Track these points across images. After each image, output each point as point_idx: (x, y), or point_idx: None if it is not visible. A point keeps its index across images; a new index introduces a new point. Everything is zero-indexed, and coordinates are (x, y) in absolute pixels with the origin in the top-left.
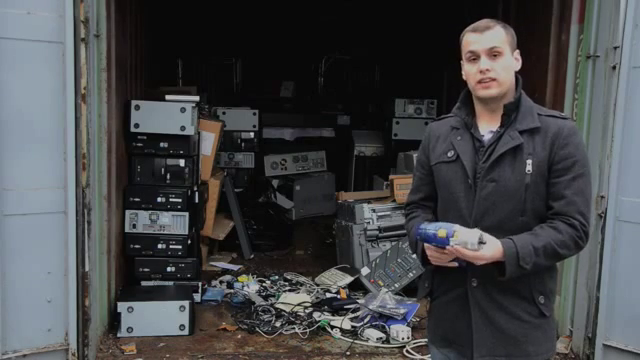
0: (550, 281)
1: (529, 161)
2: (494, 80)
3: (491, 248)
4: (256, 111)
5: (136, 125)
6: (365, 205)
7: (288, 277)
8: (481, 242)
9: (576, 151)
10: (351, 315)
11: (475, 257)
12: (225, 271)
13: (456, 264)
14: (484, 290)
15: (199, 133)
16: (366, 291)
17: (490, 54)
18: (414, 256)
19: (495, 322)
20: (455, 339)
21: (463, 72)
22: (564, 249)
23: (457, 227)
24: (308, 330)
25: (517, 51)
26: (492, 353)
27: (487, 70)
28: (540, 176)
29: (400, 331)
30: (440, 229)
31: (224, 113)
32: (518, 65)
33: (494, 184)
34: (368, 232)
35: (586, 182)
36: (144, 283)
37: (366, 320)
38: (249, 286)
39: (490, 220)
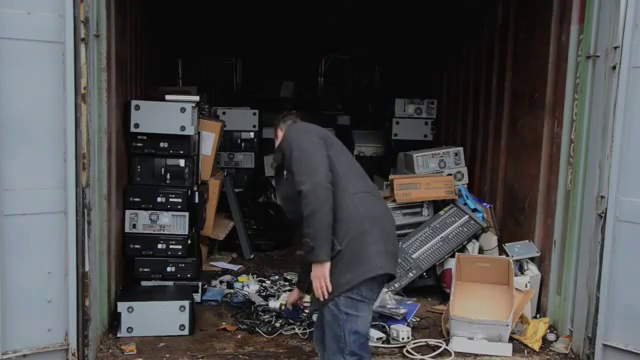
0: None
1: (285, 171)
2: None
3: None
4: (256, 111)
5: (136, 125)
6: None
7: (288, 277)
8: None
9: (285, 145)
10: None
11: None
12: (225, 271)
13: None
14: None
15: (199, 133)
16: None
17: None
18: (414, 256)
19: None
20: None
21: None
22: (306, 212)
23: None
24: (308, 330)
25: (278, 130)
26: None
27: None
28: (291, 175)
29: (400, 331)
30: None
31: (224, 113)
32: (279, 139)
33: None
34: None
35: (295, 154)
36: (144, 283)
37: None
38: (249, 286)
39: None
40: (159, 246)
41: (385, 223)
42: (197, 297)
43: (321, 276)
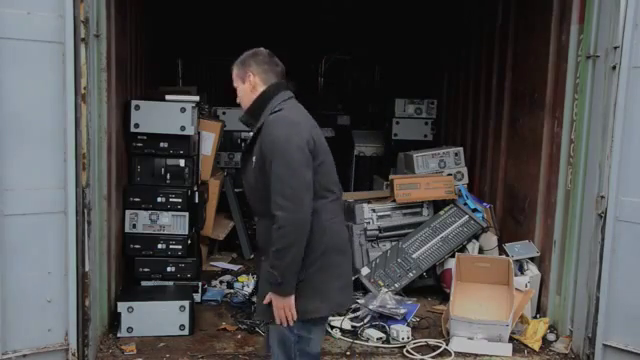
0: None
1: (254, 158)
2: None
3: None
4: None
5: (136, 125)
6: (365, 205)
7: None
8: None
9: (267, 141)
10: (351, 315)
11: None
12: (225, 271)
13: None
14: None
15: (199, 133)
16: (366, 291)
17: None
18: (414, 256)
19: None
20: None
21: None
22: (279, 245)
23: None
24: None
25: (248, 74)
26: None
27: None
28: (259, 169)
29: (400, 331)
30: None
31: (224, 113)
32: (250, 86)
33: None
34: (368, 232)
35: (279, 165)
36: (144, 283)
37: (366, 320)
38: (249, 286)
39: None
40: (159, 246)
41: (347, 252)
42: (197, 297)
43: (285, 307)
